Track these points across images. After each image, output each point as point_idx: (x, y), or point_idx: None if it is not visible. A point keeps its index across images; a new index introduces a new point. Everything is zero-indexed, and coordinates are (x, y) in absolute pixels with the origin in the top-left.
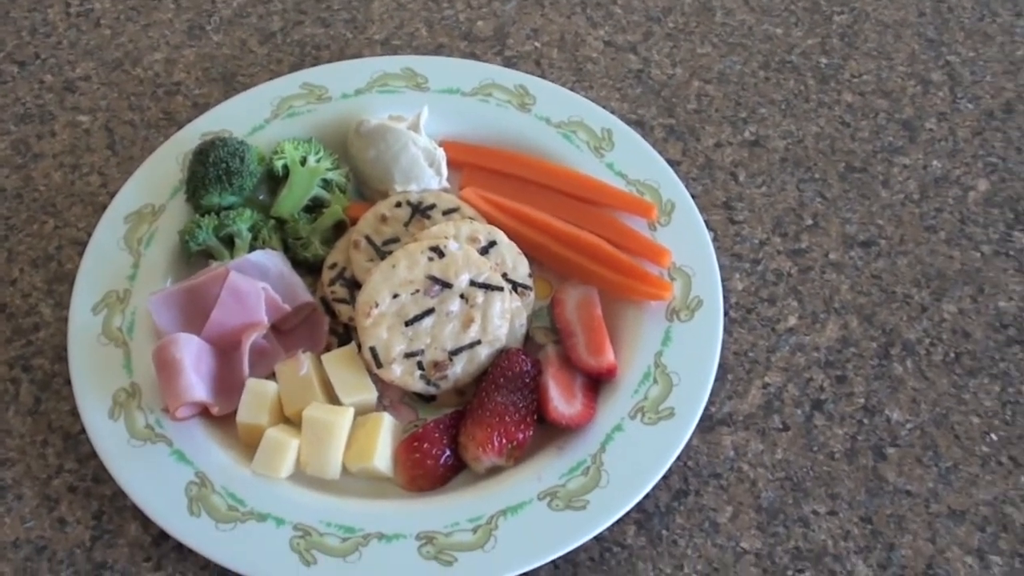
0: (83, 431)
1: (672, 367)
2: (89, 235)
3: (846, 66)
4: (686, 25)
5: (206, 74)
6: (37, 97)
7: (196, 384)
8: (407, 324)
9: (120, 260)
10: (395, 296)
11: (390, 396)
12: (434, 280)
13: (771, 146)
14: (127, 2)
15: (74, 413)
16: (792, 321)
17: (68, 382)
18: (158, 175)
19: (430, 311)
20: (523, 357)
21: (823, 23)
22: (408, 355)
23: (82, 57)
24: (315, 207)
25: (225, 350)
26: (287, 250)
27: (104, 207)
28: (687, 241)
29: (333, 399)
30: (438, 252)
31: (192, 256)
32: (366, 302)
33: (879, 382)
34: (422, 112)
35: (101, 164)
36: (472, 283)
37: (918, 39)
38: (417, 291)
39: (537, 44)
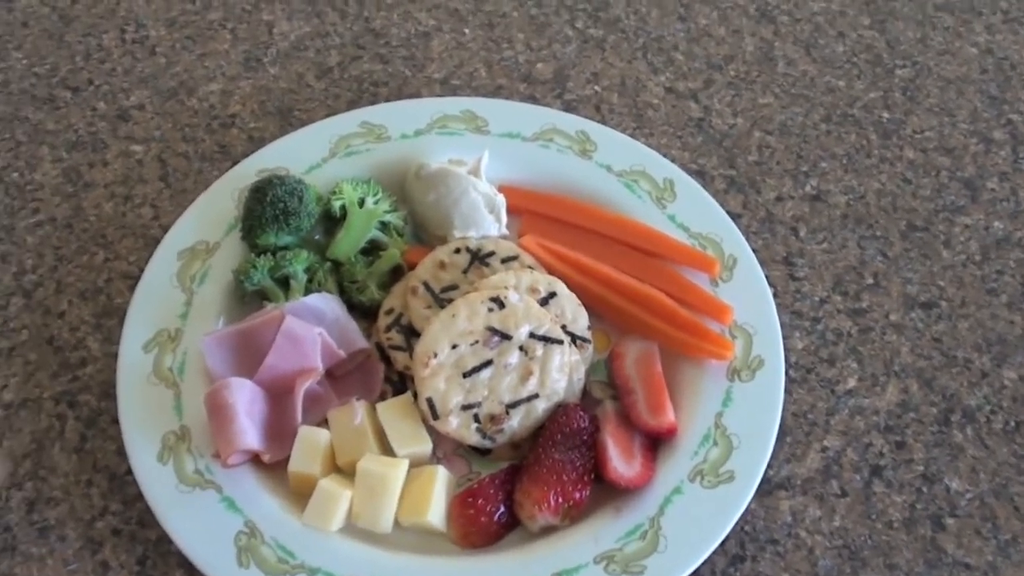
0: (129, 472)
1: (732, 429)
2: (140, 269)
3: (908, 121)
4: (747, 74)
5: (262, 107)
6: (90, 124)
7: (248, 430)
8: (465, 376)
9: (172, 297)
10: (454, 347)
11: (444, 448)
12: (493, 331)
13: (832, 201)
14: (183, 31)
15: (120, 453)
16: (852, 383)
17: (115, 420)
18: (213, 211)
19: (488, 363)
20: (581, 413)
21: (885, 76)
22: (465, 407)
23: (136, 85)
24: (372, 250)
25: (278, 395)
26: (342, 293)
27: (156, 240)
28: (749, 298)
29: (387, 449)
30: (498, 303)
31: (246, 296)
32: (425, 352)
33: (939, 449)
34: (483, 157)
35: (153, 196)
36: (532, 335)
37: (980, 96)
38: (476, 342)
39: (597, 88)
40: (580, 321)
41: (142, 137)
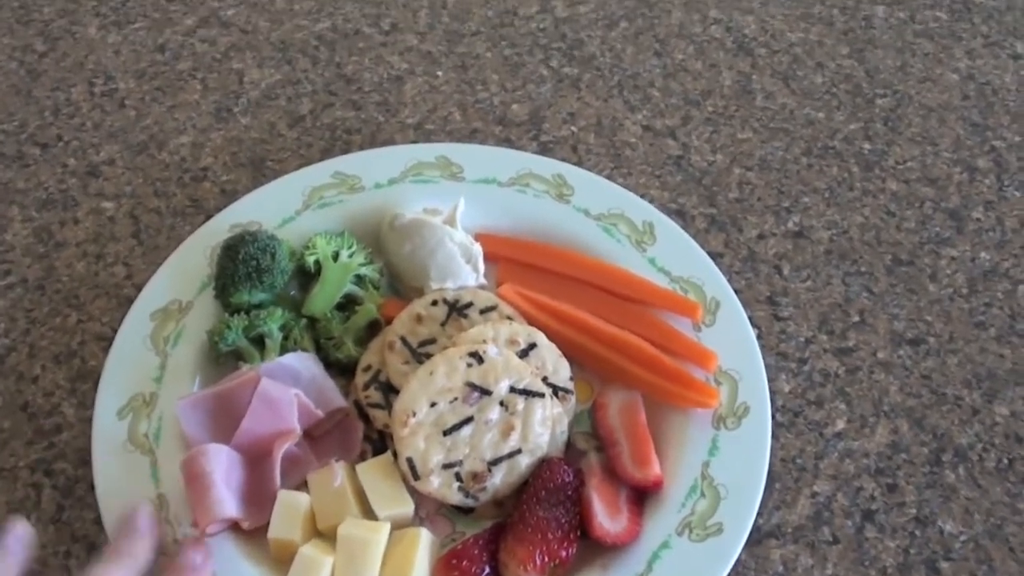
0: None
1: (720, 479)
2: (113, 330)
3: (890, 152)
4: (726, 109)
5: (234, 159)
6: (60, 181)
7: (227, 499)
8: (445, 434)
9: (146, 360)
10: (433, 404)
11: (426, 508)
12: (473, 387)
13: (815, 237)
14: (152, 82)
15: (98, 522)
16: (840, 425)
17: (92, 488)
18: (185, 269)
19: (469, 419)
20: (565, 468)
21: (865, 107)
22: (446, 466)
23: (106, 140)
24: (348, 304)
25: (256, 459)
26: (319, 350)
27: (129, 300)
28: (733, 342)
29: (368, 511)
30: (477, 357)
31: (221, 357)
32: (403, 411)
33: (931, 491)
34: (458, 205)
35: (126, 254)
36: (512, 389)
37: (963, 123)
38: (455, 399)
39: (574, 128)
40: (561, 372)
41: (113, 193)
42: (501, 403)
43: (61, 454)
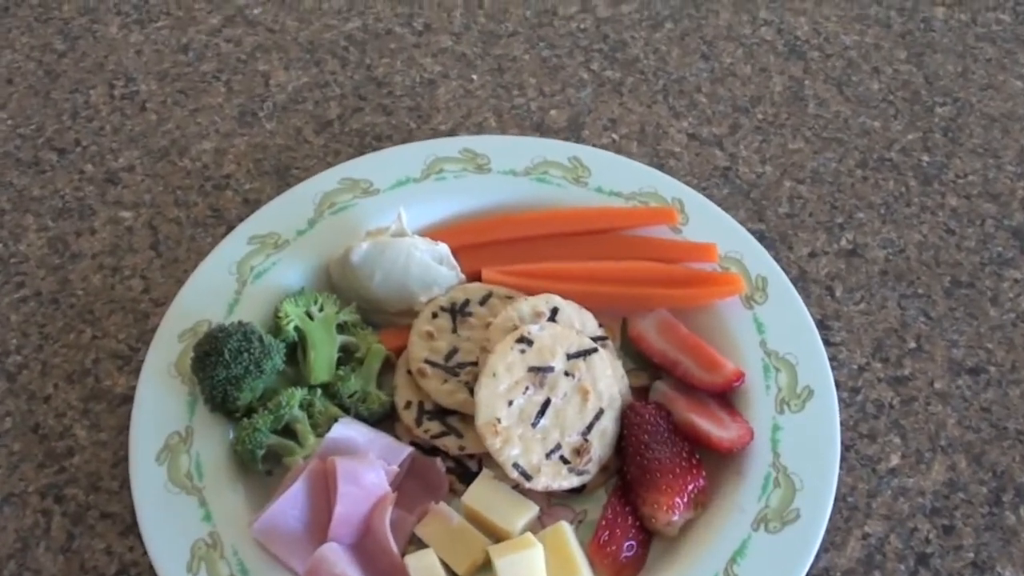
0: (118, 573)
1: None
2: (129, 347)
3: (950, 164)
4: (776, 117)
5: (258, 166)
6: (77, 189)
7: None
8: (534, 425)
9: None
10: (510, 403)
11: (539, 503)
12: (537, 370)
13: (870, 256)
14: (175, 84)
15: (110, 553)
16: (895, 460)
17: (104, 516)
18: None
19: (547, 402)
20: (650, 408)
21: (924, 115)
22: (549, 455)
23: (126, 145)
24: (347, 356)
25: (359, 542)
26: (347, 411)
27: (146, 315)
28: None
29: (494, 535)
30: (526, 341)
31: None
32: (488, 423)
33: (990, 533)
34: (401, 214)
35: (144, 267)
36: (568, 356)
37: None
38: (527, 388)
39: (615, 136)
40: (589, 324)
41: (132, 202)
42: (566, 373)
43: (73, 479)
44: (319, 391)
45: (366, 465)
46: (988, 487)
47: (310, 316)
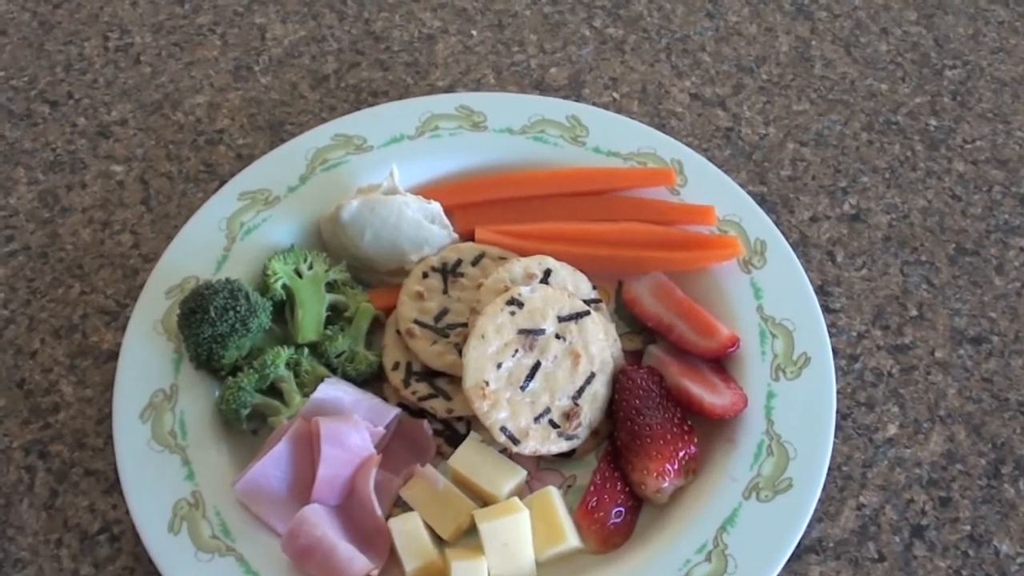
0: (101, 531)
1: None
2: (117, 303)
3: (958, 129)
4: (781, 77)
5: (251, 121)
6: (69, 142)
7: (354, 554)
8: (523, 388)
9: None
10: (499, 366)
11: (528, 468)
12: (527, 332)
13: (873, 221)
14: (170, 37)
15: (93, 510)
16: (892, 430)
17: (88, 473)
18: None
19: (537, 365)
20: (642, 372)
21: (933, 78)
22: (538, 418)
23: (119, 98)
24: (336, 316)
25: (344, 504)
26: (334, 371)
27: (135, 271)
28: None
29: (481, 498)
30: (516, 303)
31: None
32: (476, 385)
33: (987, 506)
34: (393, 171)
35: (134, 222)
36: (560, 319)
37: None
38: (516, 351)
39: (615, 95)
40: (582, 286)
41: (123, 156)
42: (557, 336)
43: (58, 435)
44: (306, 350)
45: (350, 426)
46: (987, 459)
47: (299, 274)
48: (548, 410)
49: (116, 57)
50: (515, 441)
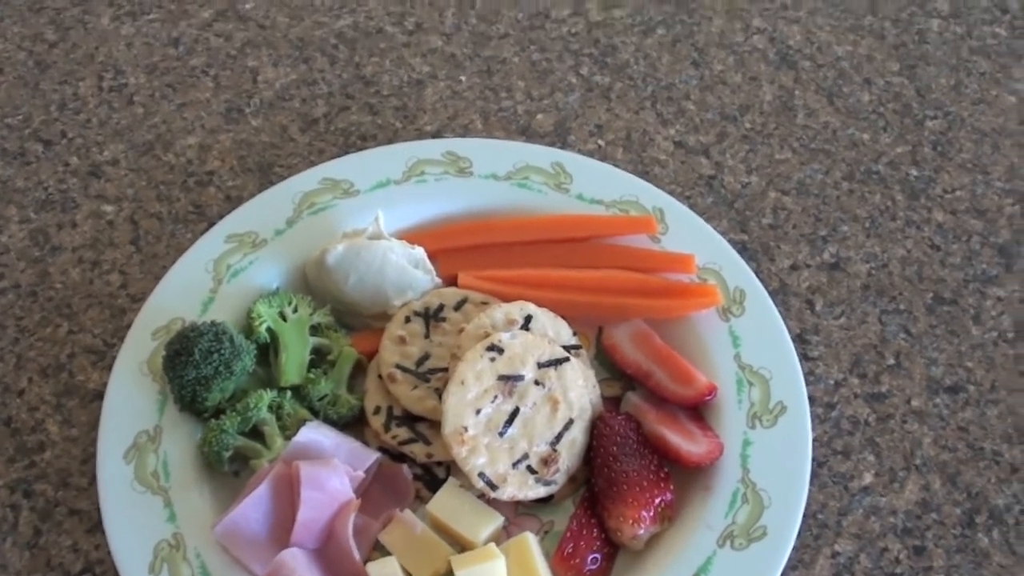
0: (83, 571)
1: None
2: (104, 343)
3: (938, 179)
4: (764, 126)
5: (241, 163)
6: (61, 181)
7: None
8: (501, 434)
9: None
10: (478, 412)
11: (506, 513)
12: (506, 378)
13: (852, 270)
14: (163, 78)
15: (76, 550)
16: (868, 479)
17: (72, 513)
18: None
19: (516, 411)
20: (620, 418)
21: (914, 128)
22: (516, 464)
23: (111, 138)
24: (319, 359)
25: (322, 548)
26: (316, 414)
27: (123, 310)
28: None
29: (458, 544)
30: (496, 349)
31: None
32: (455, 431)
33: (961, 555)
34: (378, 217)
35: (123, 262)
36: (539, 365)
37: (1018, 150)
38: (496, 397)
39: (600, 142)
40: (563, 332)
41: (114, 196)
42: (536, 382)
43: (42, 474)
44: (289, 393)
45: (330, 470)
46: (962, 508)
47: (283, 317)
48: (526, 456)
49: (110, 97)
50: (493, 487)
